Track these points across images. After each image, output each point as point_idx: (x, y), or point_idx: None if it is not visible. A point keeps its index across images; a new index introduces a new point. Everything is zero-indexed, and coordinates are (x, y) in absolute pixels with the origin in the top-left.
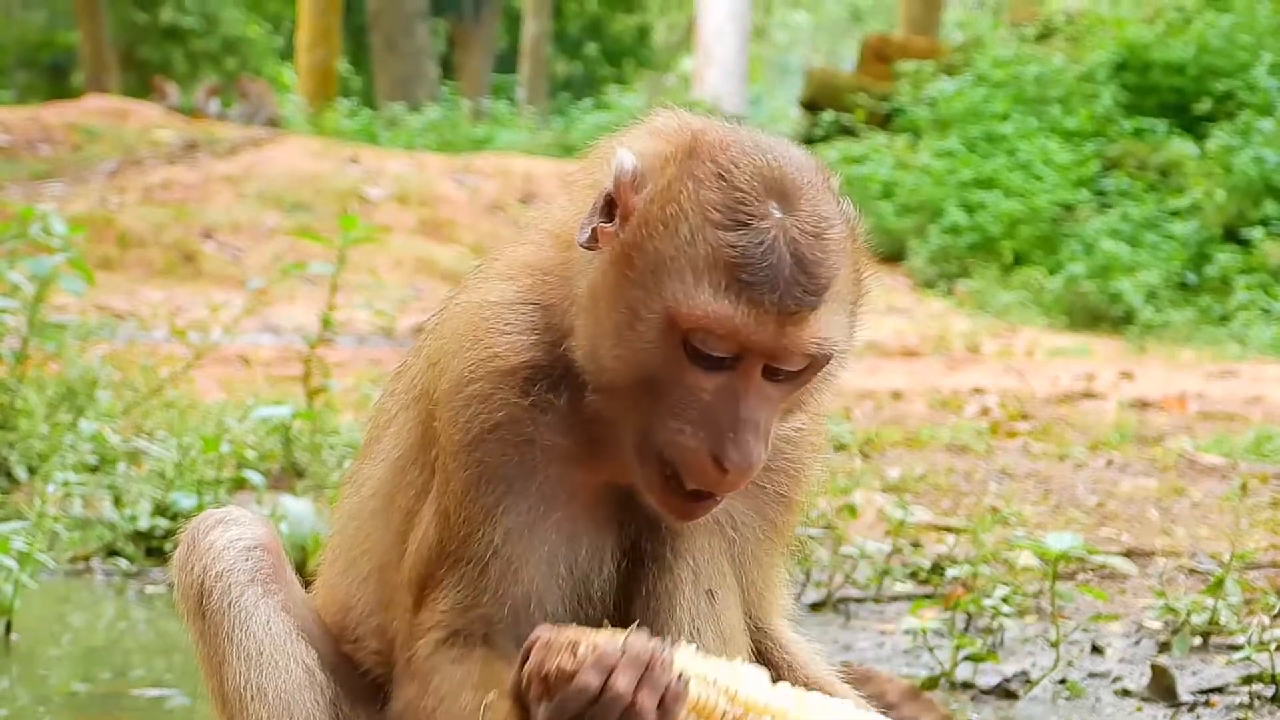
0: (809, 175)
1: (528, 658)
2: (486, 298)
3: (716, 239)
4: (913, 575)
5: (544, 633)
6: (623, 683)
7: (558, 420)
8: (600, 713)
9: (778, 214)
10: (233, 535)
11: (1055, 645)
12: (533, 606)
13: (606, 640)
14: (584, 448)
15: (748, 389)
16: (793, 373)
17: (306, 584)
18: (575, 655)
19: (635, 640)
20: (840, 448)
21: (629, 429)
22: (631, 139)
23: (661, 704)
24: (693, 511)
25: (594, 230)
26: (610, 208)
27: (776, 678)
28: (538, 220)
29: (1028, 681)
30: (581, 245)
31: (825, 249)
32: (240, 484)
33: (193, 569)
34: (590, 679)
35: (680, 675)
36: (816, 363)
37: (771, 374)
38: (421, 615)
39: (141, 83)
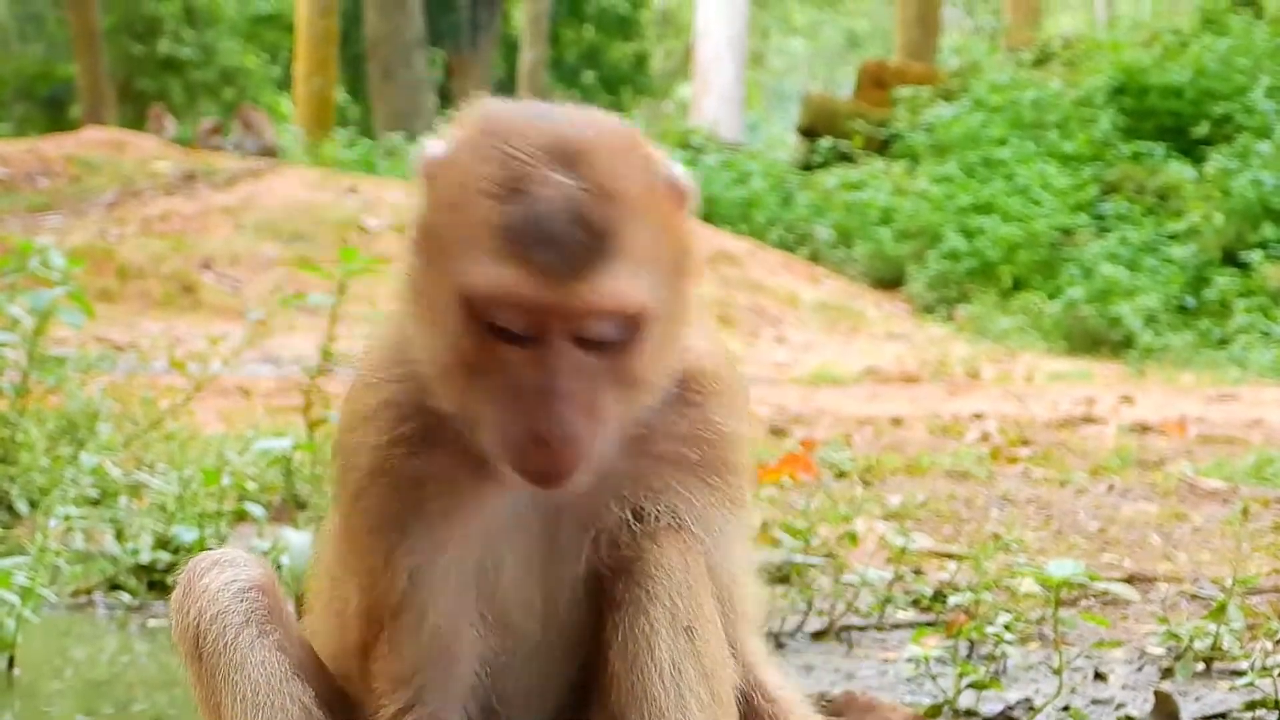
0: (604, 139)
1: None
2: (364, 346)
3: (490, 209)
4: (915, 603)
5: None
6: None
7: (427, 448)
8: None
9: (557, 177)
10: (228, 577)
11: (1058, 672)
12: (459, 652)
13: None
14: (467, 467)
15: (554, 360)
16: (608, 341)
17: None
18: None
19: None
20: (841, 475)
21: (470, 421)
22: (439, 135)
23: None
24: (548, 479)
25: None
26: None
27: None
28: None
29: (1031, 709)
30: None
31: (610, 207)
32: (241, 516)
33: (188, 612)
34: None
35: None
36: (629, 325)
37: (584, 344)
38: (374, 686)
39: (139, 114)
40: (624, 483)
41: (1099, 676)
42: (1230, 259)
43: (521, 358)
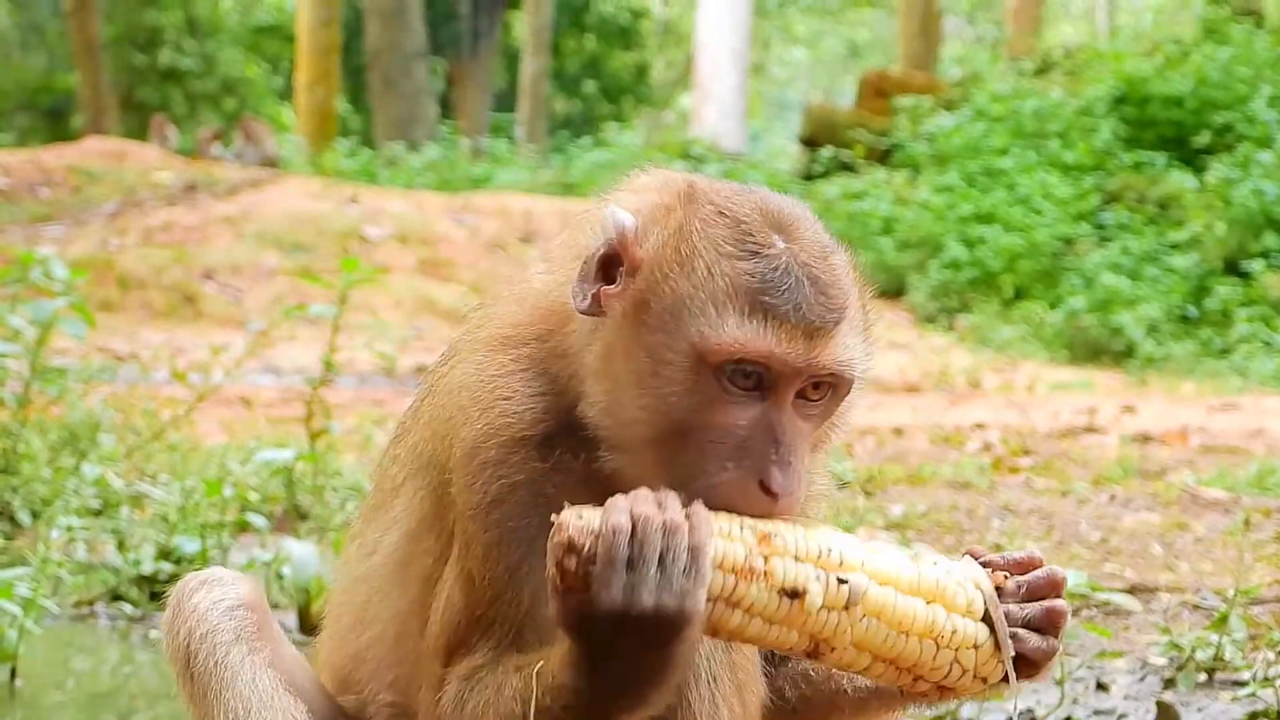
0: (801, 210)
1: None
2: (485, 370)
3: (734, 269)
4: None
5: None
6: (650, 508)
7: (575, 481)
8: (643, 543)
9: (782, 243)
10: (216, 596)
11: (1060, 683)
12: None
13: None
14: (598, 497)
15: (783, 416)
16: (819, 401)
17: (310, 625)
18: (582, 519)
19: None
20: (843, 485)
21: (659, 483)
22: (618, 200)
23: (690, 520)
24: None
25: (594, 295)
26: (607, 269)
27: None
28: (517, 290)
29: (1034, 719)
30: (581, 312)
31: (834, 272)
32: (243, 527)
33: (178, 632)
34: (618, 518)
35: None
36: (842, 386)
37: (800, 403)
38: (450, 671)
39: (140, 124)
40: None
41: (1101, 687)
42: (1232, 268)
43: (746, 415)
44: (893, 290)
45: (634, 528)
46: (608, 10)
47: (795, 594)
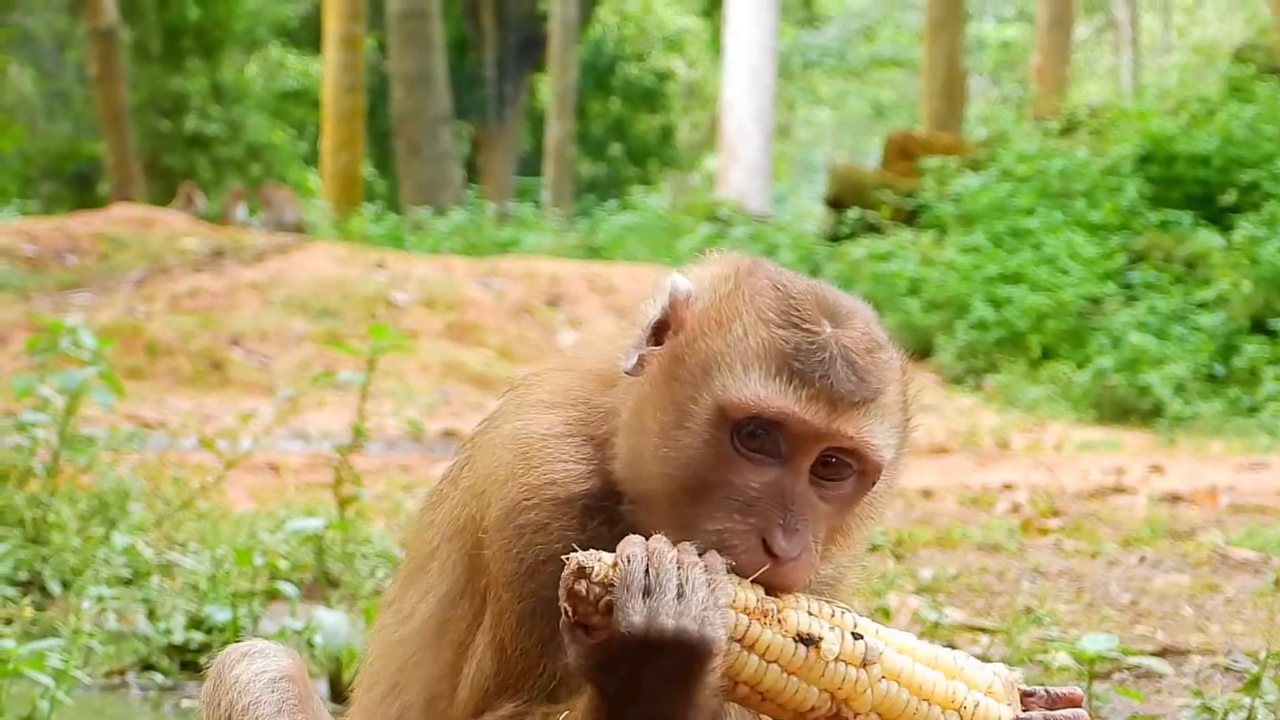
0: (861, 307)
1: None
2: (532, 428)
3: (771, 334)
4: None
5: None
6: (664, 545)
7: (604, 544)
8: (659, 572)
9: (830, 328)
10: (258, 668)
11: None
12: None
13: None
14: None
15: (797, 483)
16: (840, 481)
17: (341, 694)
18: (595, 554)
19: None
20: (872, 548)
21: (670, 536)
22: (684, 271)
23: (704, 558)
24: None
25: (640, 357)
26: (659, 334)
27: None
28: (577, 354)
29: None
30: (626, 372)
31: (875, 362)
32: (274, 595)
33: (220, 704)
34: (633, 549)
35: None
36: (868, 470)
37: (819, 481)
38: None
39: (167, 191)
40: None
41: None
42: (1259, 327)
43: (760, 478)
44: (919, 351)
45: (649, 558)
46: (632, 73)
47: (810, 640)
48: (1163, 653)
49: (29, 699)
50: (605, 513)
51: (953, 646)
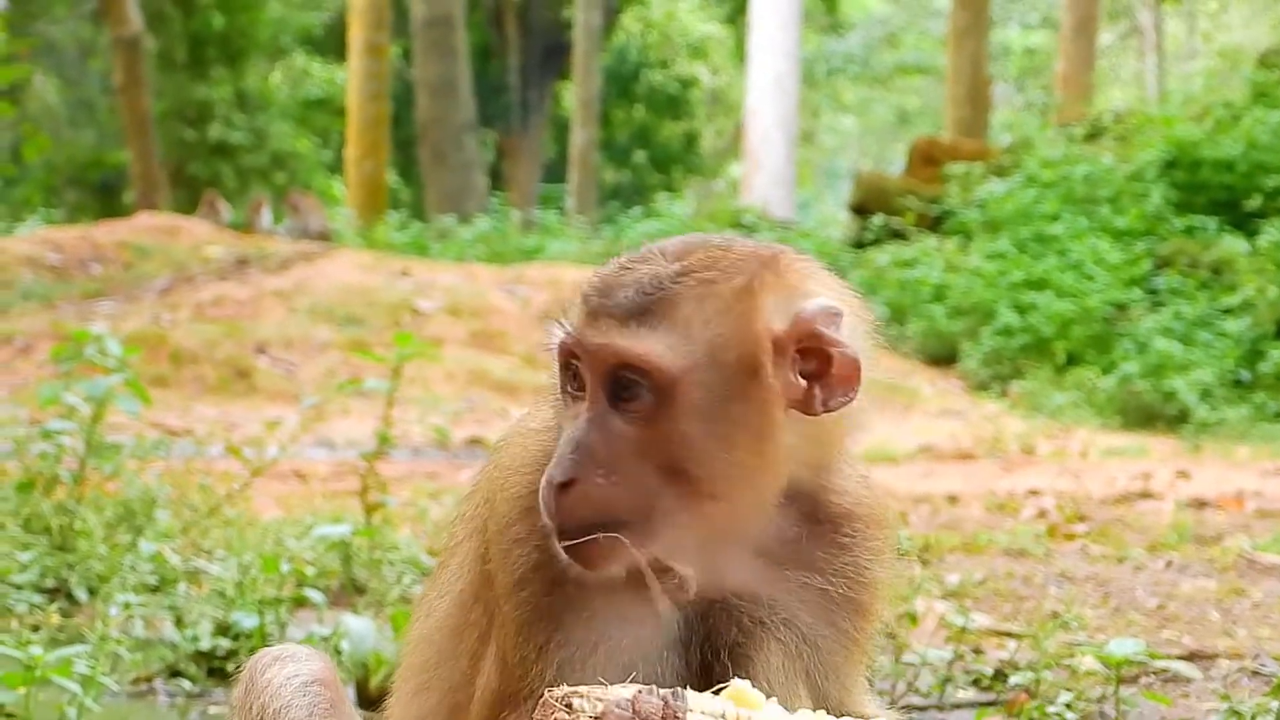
0: (712, 247)
1: None
2: (528, 446)
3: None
4: (975, 682)
5: (548, 693)
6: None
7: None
8: None
9: (660, 259)
10: (290, 672)
11: None
12: None
13: (613, 695)
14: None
15: (581, 410)
16: (636, 402)
17: (369, 699)
18: (570, 711)
19: (644, 697)
20: (899, 554)
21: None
22: None
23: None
24: (587, 557)
25: None
26: None
27: None
28: None
29: None
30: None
31: (639, 274)
32: (301, 602)
33: (251, 707)
34: (620, 712)
35: None
36: (657, 386)
37: (624, 408)
38: None
39: (191, 199)
40: (765, 608)
41: None
42: None
43: (576, 410)
44: (945, 358)
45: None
46: (656, 80)
47: None
48: (1190, 657)
49: (56, 706)
50: None
51: (979, 652)
